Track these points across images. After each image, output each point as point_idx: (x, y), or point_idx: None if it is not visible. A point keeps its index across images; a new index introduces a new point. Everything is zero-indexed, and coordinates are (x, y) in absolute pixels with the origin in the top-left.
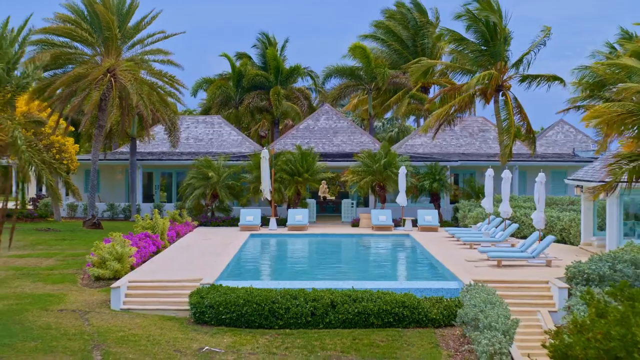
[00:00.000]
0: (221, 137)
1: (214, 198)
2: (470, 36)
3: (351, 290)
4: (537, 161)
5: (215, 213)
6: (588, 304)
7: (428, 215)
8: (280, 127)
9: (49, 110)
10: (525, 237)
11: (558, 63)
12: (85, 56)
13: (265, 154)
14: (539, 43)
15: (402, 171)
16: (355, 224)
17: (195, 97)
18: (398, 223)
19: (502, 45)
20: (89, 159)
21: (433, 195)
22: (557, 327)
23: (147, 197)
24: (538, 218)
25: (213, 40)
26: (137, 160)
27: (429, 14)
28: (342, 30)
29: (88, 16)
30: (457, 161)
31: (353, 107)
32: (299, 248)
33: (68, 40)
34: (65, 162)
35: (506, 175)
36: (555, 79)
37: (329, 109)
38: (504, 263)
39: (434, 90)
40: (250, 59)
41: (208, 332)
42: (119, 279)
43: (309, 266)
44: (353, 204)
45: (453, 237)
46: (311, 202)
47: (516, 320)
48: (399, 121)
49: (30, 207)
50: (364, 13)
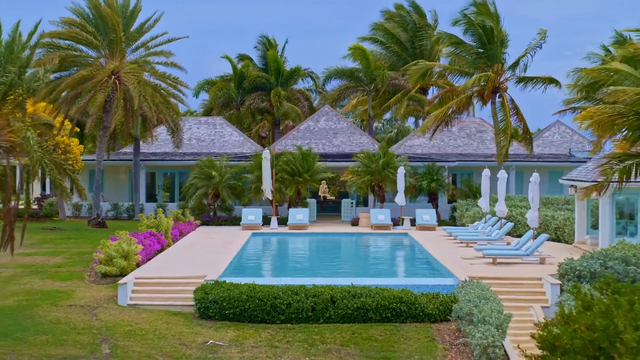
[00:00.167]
0: (223, 138)
1: (216, 198)
2: (467, 39)
3: (350, 286)
4: (534, 161)
5: (217, 212)
6: (575, 297)
7: (426, 215)
8: (281, 128)
9: (54, 111)
10: (521, 236)
11: (558, 63)
12: (90, 58)
13: (266, 155)
14: (535, 45)
15: (401, 171)
16: (355, 223)
17: (197, 98)
18: (397, 222)
19: (499, 47)
20: (93, 160)
21: (431, 195)
22: (546, 320)
23: (150, 197)
24: (532, 217)
25: (213, 40)
26: (141, 160)
27: (428, 16)
28: (342, 31)
29: (93, 19)
30: (455, 161)
31: (352, 108)
32: (299, 246)
33: (73, 43)
34: (70, 163)
35: (502, 175)
36: (552, 81)
37: (329, 110)
38: (499, 261)
39: (432, 92)
40: (251, 60)
41: (212, 327)
42: (125, 275)
43: (310, 264)
44: (352, 203)
45: (450, 236)
46: (311, 202)
47: (509, 315)
48: (398, 122)
49: (35, 207)
50: (363, 13)
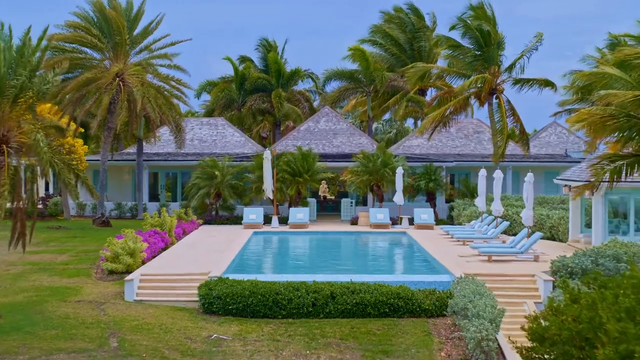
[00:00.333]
0: (224, 139)
1: (218, 197)
2: (465, 42)
3: (350, 282)
4: (531, 162)
5: (219, 212)
6: (563, 291)
7: (424, 214)
8: (281, 129)
9: (60, 112)
10: (516, 234)
11: (558, 63)
12: (95, 61)
13: (267, 155)
14: (532, 48)
15: (399, 171)
16: (354, 222)
17: (198, 99)
18: (395, 221)
19: (496, 50)
20: (97, 160)
21: (429, 195)
22: (536, 313)
23: (153, 197)
24: (527, 216)
25: (214, 40)
26: (144, 160)
27: (426, 18)
28: (342, 31)
29: (97, 22)
30: (453, 162)
31: (352, 109)
32: (300, 245)
33: (78, 46)
34: (75, 163)
35: (498, 175)
36: (548, 84)
37: (329, 111)
38: (494, 258)
39: (431, 93)
40: (252, 62)
41: (216, 321)
42: (131, 272)
43: (310, 261)
44: (352, 202)
45: (447, 235)
46: (312, 201)
47: (502, 310)
48: (397, 122)
49: (40, 206)
50: (363, 13)
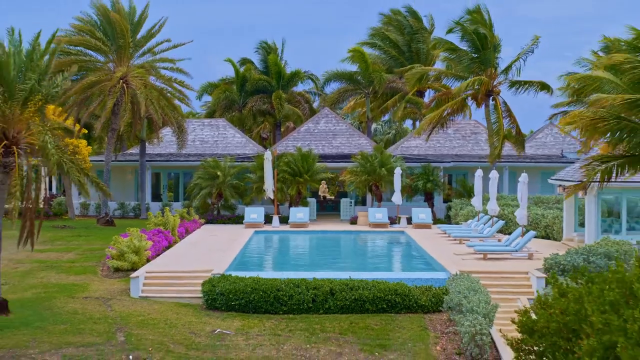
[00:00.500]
0: (226, 140)
1: (219, 197)
2: (462, 45)
3: (349, 279)
4: (527, 162)
5: (220, 211)
6: (552, 286)
7: (422, 213)
8: (282, 130)
9: (64, 114)
10: (512, 233)
11: (558, 63)
12: (99, 63)
13: (268, 156)
14: (527, 51)
15: (398, 172)
16: (354, 221)
17: (199, 101)
18: (394, 221)
19: (492, 53)
20: (100, 160)
21: (427, 195)
22: (525, 307)
23: (156, 197)
24: (521, 215)
25: (213, 40)
26: (146, 161)
27: (424, 20)
28: (342, 31)
29: (101, 26)
30: (450, 162)
31: (351, 110)
32: (300, 243)
33: (83, 48)
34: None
35: (493, 175)
36: (544, 87)
37: (328, 112)
38: (489, 256)
39: (429, 94)
40: (252, 63)
41: (219, 317)
42: (136, 270)
43: (310, 259)
44: (351, 202)
45: (444, 234)
46: (312, 201)
47: (495, 305)
48: (396, 123)
49: (43, 206)
50: (363, 13)
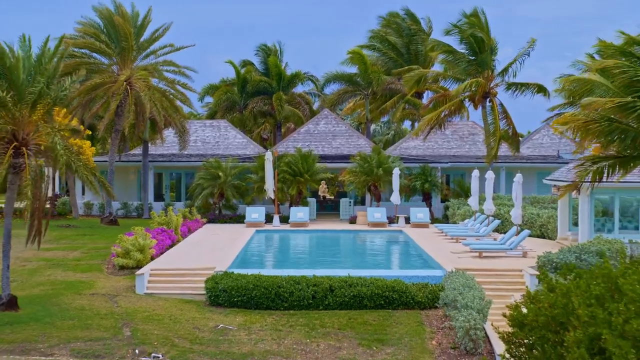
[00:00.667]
0: (227, 140)
1: (221, 197)
2: (459, 48)
3: (347, 277)
4: (523, 163)
5: (222, 211)
6: (542, 281)
7: (420, 213)
8: (282, 130)
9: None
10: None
11: (558, 63)
12: (103, 65)
13: (269, 156)
14: (524, 53)
15: (396, 172)
16: (353, 221)
17: (201, 102)
18: (392, 220)
19: (489, 55)
20: (104, 161)
21: (425, 195)
22: (516, 302)
23: (158, 197)
24: (516, 214)
25: (213, 40)
26: (149, 161)
27: (422, 23)
28: (342, 31)
29: (105, 29)
30: (447, 162)
31: (350, 111)
32: (300, 242)
33: (87, 51)
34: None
35: (489, 175)
36: (540, 89)
37: (328, 113)
38: (484, 254)
39: (427, 95)
40: (253, 65)
41: (222, 313)
42: (140, 267)
43: (310, 257)
44: (350, 202)
45: (442, 233)
46: (312, 201)
47: (489, 301)
48: (395, 124)
49: (48, 206)
50: (363, 13)
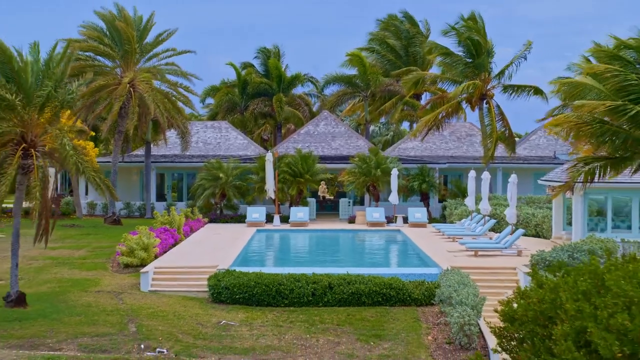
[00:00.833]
0: (228, 141)
1: (222, 197)
2: (456, 50)
3: (346, 274)
4: (520, 163)
5: (223, 211)
6: (532, 278)
7: (418, 213)
8: (283, 131)
9: (73, 116)
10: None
11: (558, 63)
12: (106, 68)
13: (269, 157)
14: (520, 56)
15: (394, 172)
16: (352, 220)
17: (202, 104)
18: (390, 220)
19: (486, 58)
20: (107, 162)
21: (423, 195)
22: (508, 298)
23: (160, 197)
24: (510, 214)
25: (213, 40)
26: (152, 162)
27: (420, 25)
28: (342, 31)
29: (108, 32)
30: (445, 163)
31: (350, 112)
32: (300, 241)
33: (91, 54)
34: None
35: (485, 176)
36: (537, 91)
37: (328, 115)
38: (480, 253)
39: (425, 97)
40: (253, 67)
41: (224, 309)
42: (145, 266)
43: (310, 256)
44: (350, 202)
45: (439, 232)
46: (311, 201)
47: (483, 298)
48: (394, 125)
49: (53, 206)
50: (363, 13)
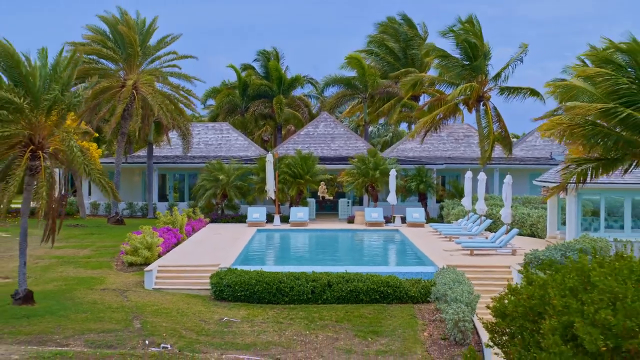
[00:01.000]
0: (229, 142)
1: (223, 197)
2: (454, 53)
3: (345, 273)
4: (517, 164)
5: (224, 211)
6: (523, 275)
7: (415, 213)
8: (283, 133)
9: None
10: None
11: (558, 63)
12: (110, 70)
13: (269, 158)
14: (516, 59)
15: (393, 173)
16: (351, 220)
17: (204, 106)
18: (389, 220)
19: (483, 60)
20: (110, 162)
21: (421, 195)
22: (500, 294)
23: (162, 197)
24: (505, 214)
25: (213, 40)
26: (154, 163)
27: (418, 28)
28: (342, 31)
29: (111, 35)
30: (443, 164)
31: (349, 114)
32: (300, 241)
33: (95, 57)
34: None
35: (481, 177)
36: (533, 93)
37: (327, 116)
38: (475, 252)
39: (424, 99)
40: (254, 69)
41: (226, 306)
42: (149, 264)
43: (310, 255)
44: (349, 202)
45: (436, 232)
46: (311, 201)
47: (477, 295)
48: (392, 126)
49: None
50: (363, 13)
